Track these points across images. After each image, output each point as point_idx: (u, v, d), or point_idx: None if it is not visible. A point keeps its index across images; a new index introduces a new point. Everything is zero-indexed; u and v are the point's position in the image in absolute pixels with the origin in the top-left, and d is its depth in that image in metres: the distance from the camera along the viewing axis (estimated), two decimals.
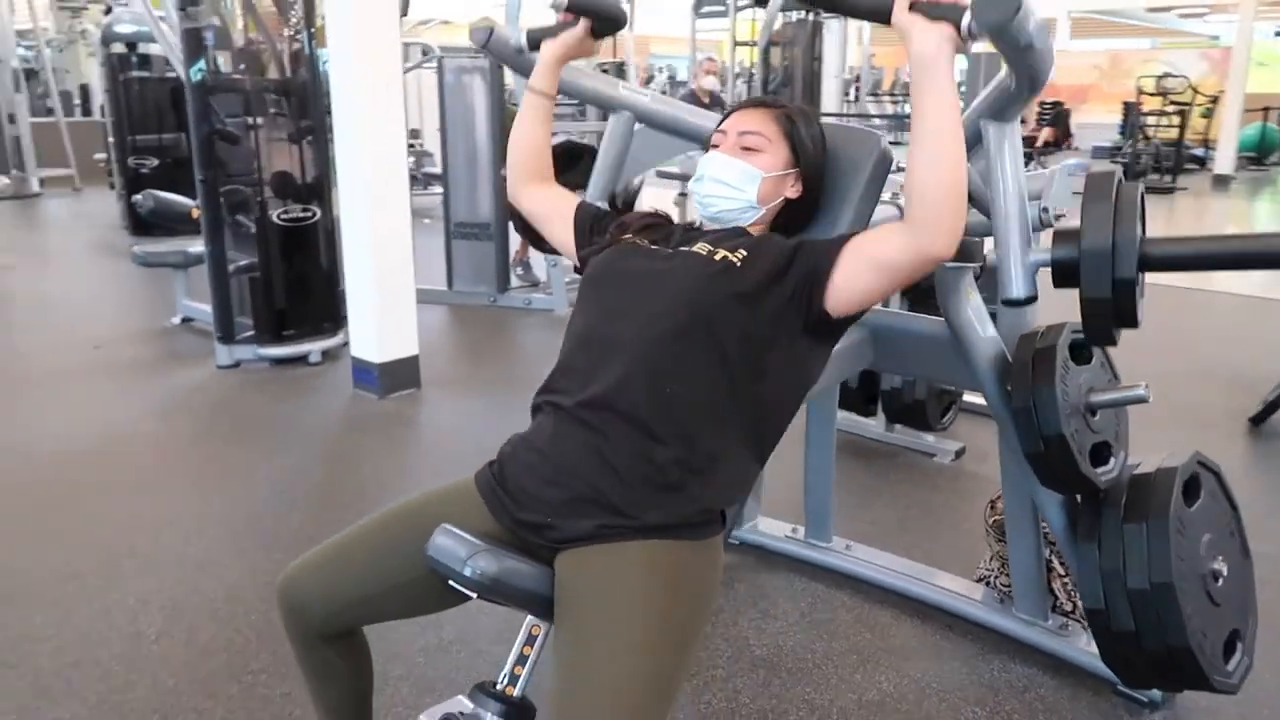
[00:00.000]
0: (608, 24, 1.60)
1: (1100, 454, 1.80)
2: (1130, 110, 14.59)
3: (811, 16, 7.08)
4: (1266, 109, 15.09)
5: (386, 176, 3.73)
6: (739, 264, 1.37)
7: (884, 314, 2.11)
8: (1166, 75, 14.09)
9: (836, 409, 2.43)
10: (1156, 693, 1.96)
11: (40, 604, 2.31)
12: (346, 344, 4.28)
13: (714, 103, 6.75)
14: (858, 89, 20.79)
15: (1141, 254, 1.25)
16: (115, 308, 5.58)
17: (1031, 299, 1.42)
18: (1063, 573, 2.17)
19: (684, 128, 1.92)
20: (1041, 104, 18.54)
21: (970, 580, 2.38)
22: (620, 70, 7.24)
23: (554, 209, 1.64)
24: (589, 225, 1.61)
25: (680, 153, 2.07)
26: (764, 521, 2.65)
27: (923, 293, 2.96)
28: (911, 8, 1.23)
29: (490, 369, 4.47)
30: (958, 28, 1.20)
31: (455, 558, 1.26)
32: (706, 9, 9.67)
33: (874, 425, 3.45)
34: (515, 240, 5.66)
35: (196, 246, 4.40)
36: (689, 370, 1.33)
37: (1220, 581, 1.79)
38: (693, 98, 7.28)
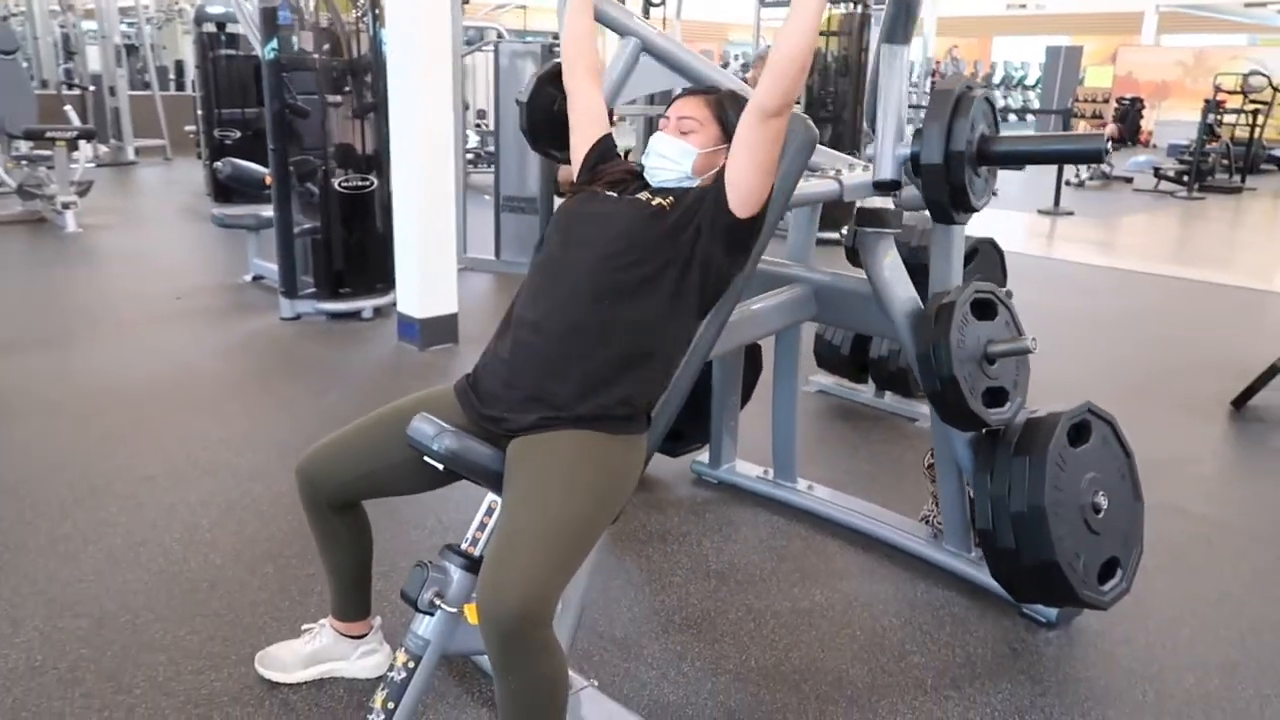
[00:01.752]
0: None
1: (996, 397, 2.08)
2: (1208, 108, 14.33)
3: (859, 8, 7.26)
4: None
5: (435, 151, 4.12)
6: (667, 208, 1.72)
7: (823, 274, 2.42)
8: (1254, 73, 13.79)
9: (798, 364, 2.74)
10: (1053, 613, 2.23)
11: (118, 498, 2.76)
12: (395, 303, 4.71)
13: None
14: (934, 80, 20.75)
15: (979, 148, 1.60)
16: (196, 264, 6.13)
17: (896, 184, 1.78)
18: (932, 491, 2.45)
19: (681, 65, 2.26)
20: (1118, 100, 18.26)
21: (914, 520, 2.67)
22: None
23: (592, 119, 1.93)
24: (597, 155, 1.91)
25: (671, 86, 2.39)
26: (740, 464, 2.97)
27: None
28: None
29: None
30: None
31: (427, 436, 1.62)
32: None
33: (865, 391, 3.73)
34: None
35: (268, 211, 4.87)
36: (622, 290, 1.67)
37: (1100, 514, 2.06)
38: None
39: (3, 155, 7.62)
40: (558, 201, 5.96)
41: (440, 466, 1.64)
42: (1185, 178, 11.58)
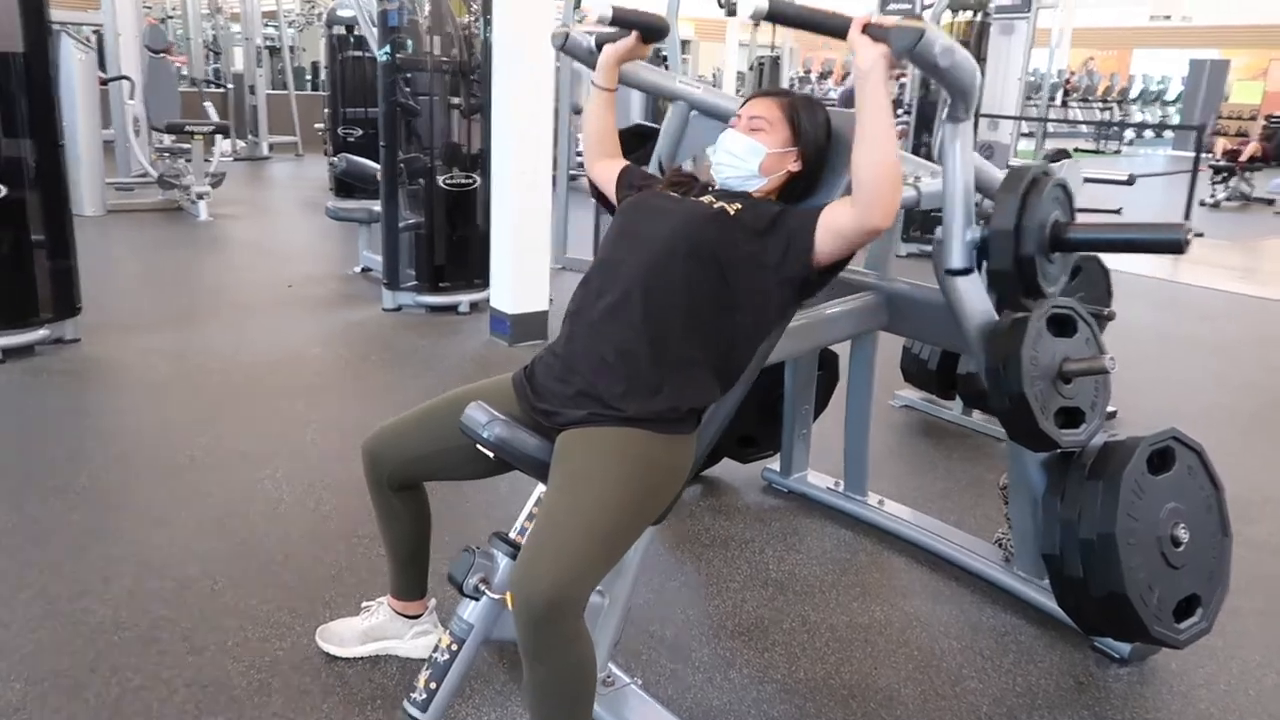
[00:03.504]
0: (651, 33, 1.96)
1: (1071, 418, 1.99)
2: None
3: (978, 16, 7.06)
4: None
5: (532, 153, 4.21)
6: (732, 214, 1.72)
7: (898, 283, 2.36)
8: None
9: (872, 374, 2.67)
10: (1126, 648, 2.12)
11: (212, 470, 2.92)
12: (490, 298, 4.83)
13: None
14: (1066, 94, 19.94)
15: (1052, 235, 1.49)
16: (311, 254, 6.41)
17: (967, 270, 1.68)
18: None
19: (728, 115, 2.24)
20: (1267, 117, 17.16)
21: (987, 542, 2.57)
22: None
23: (609, 178, 2.02)
24: (630, 180, 1.98)
25: None
26: (811, 474, 2.93)
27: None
28: (863, 30, 1.56)
29: None
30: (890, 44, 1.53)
31: (478, 423, 1.66)
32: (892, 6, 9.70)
33: (952, 408, 3.62)
34: None
35: (379, 205, 5.06)
36: (677, 289, 1.68)
37: (1180, 547, 1.95)
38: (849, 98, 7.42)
39: (148, 147, 8.14)
40: None
41: (490, 454, 1.68)
42: None
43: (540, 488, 1.77)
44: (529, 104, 4.16)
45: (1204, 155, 10.45)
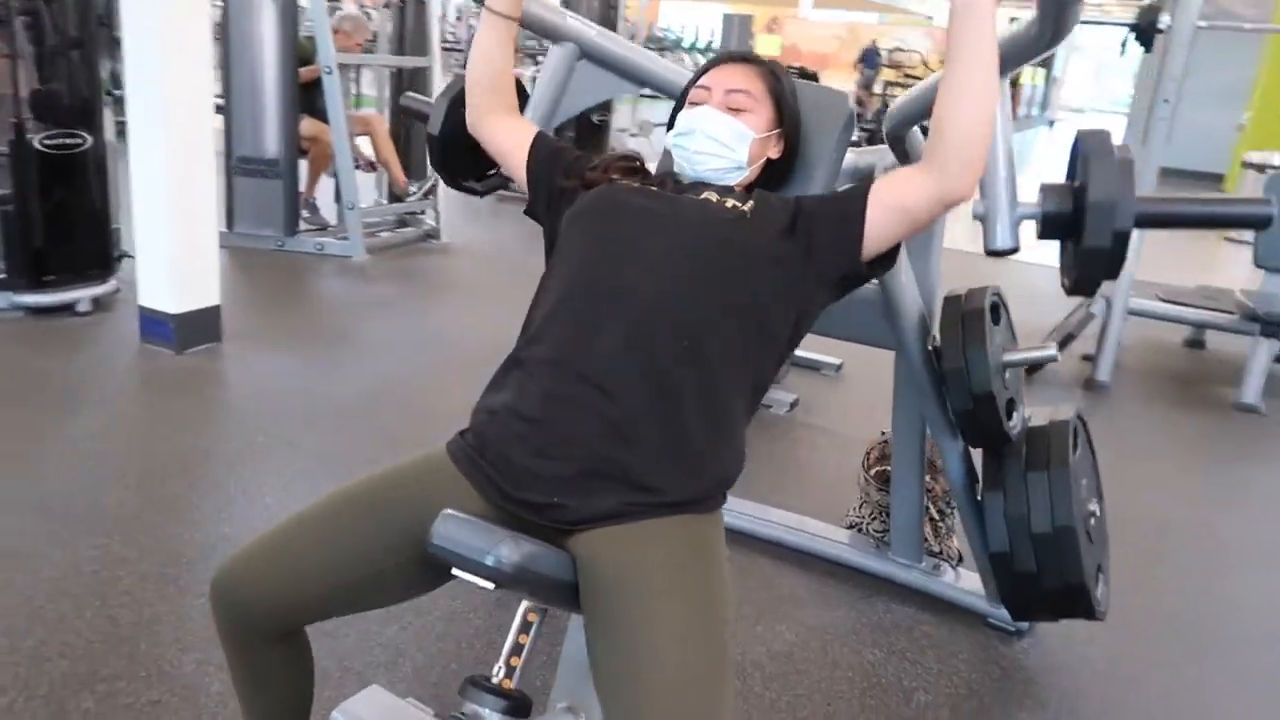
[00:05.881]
0: None
1: (1010, 410, 1.92)
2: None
3: None
4: None
5: (188, 97, 3.26)
6: (749, 215, 1.33)
7: None
8: (897, 49, 15.33)
9: None
10: (1024, 623, 2.15)
11: None
12: (119, 291, 3.78)
13: None
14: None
15: (1136, 211, 1.33)
16: None
17: (1015, 249, 1.46)
18: (935, 516, 2.32)
19: (632, 69, 1.81)
20: (788, 69, 19.54)
21: (837, 526, 2.48)
22: None
23: (515, 142, 1.51)
24: (550, 157, 1.49)
25: (617, 94, 1.96)
26: None
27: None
28: None
29: (294, 320, 4.10)
30: None
31: (471, 547, 1.13)
32: None
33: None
34: (303, 178, 5.22)
35: None
36: (714, 319, 1.27)
37: (1093, 521, 1.98)
38: None
39: None
40: (302, 164, 5.14)
41: (490, 585, 1.16)
42: None
43: (523, 607, 1.28)
44: (179, 32, 3.19)
45: None
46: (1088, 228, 1.31)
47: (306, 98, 4.94)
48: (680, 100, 1.52)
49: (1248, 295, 4.28)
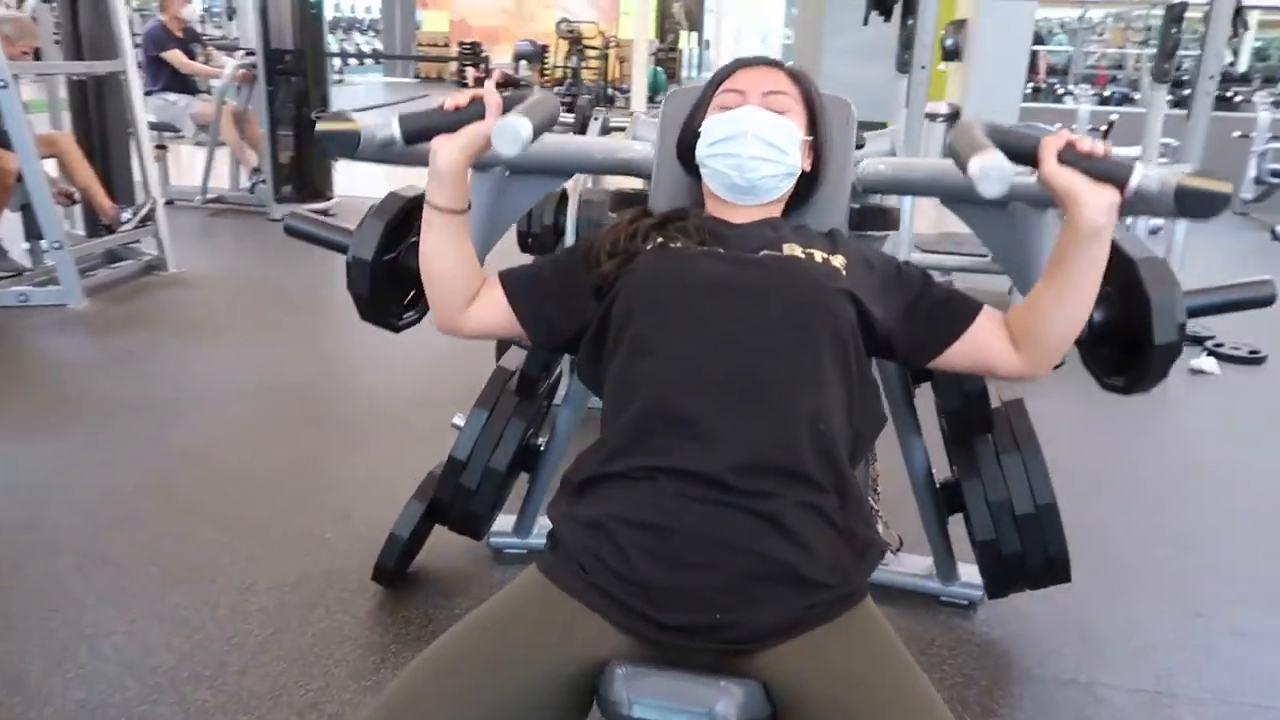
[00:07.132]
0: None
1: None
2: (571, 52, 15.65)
3: None
4: (656, 54, 17.42)
5: None
6: (844, 271, 1.21)
7: None
8: (563, 20, 15.50)
9: None
10: (977, 594, 2.20)
11: None
12: None
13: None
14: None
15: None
16: None
17: None
18: (876, 508, 2.31)
19: (566, 163, 1.69)
20: (460, 43, 19.06)
21: None
22: None
23: (501, 314, 1.27)
24: (558, 287, 1.27)
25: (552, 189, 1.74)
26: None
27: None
28: (1061, 161, 1.06)
29: (11, 396, 3.25)
30: (1122, 189, 1.05)
31: (670, 708, 0.92)
32: None
33: None
34: None
35: None
36: (835, 401, 1.16)
37: None
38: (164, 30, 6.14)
39: None
40: None
41: None
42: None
43: None
44: None
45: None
46: (1156, 327, 1.32)
47: None
48: (700, 113, 1.34)
49: None
